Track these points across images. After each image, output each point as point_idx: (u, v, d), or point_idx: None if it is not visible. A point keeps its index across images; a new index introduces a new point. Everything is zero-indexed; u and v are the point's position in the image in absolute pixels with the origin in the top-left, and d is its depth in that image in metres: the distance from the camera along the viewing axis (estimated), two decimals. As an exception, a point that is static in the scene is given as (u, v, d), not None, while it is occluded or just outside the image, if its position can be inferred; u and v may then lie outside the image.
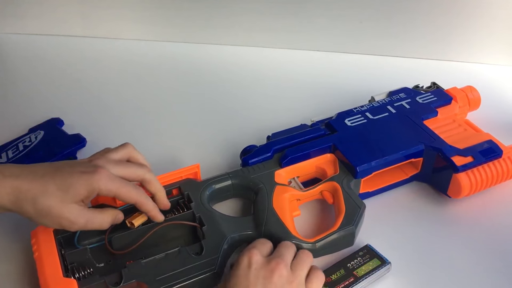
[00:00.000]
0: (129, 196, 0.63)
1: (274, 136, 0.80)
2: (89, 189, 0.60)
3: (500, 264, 0.69)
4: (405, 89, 0.89)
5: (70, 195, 0.59)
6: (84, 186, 0.60)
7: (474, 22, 1.03)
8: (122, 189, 0.62)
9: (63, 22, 1.16)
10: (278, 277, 0.57)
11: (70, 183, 0.60)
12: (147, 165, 0.69)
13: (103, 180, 0.61)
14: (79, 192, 0.60)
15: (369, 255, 0.67)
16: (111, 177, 0.62)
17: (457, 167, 0.73)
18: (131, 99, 1.01)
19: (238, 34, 1.13)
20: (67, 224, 0.60)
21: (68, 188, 0.59)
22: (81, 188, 0.60)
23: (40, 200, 0.58)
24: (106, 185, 0.61)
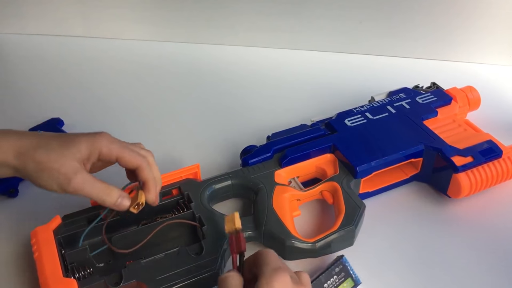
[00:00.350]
0: (132, 158, 0.63)
1: (274, 136, 0.80)
2: (91, 148, 0.60)
3: (500, 264, 0.69)
4: (405, 89, 0.89)
5: (71, 151, 0.59)
6: (86, 145, 0.60)
7: (474, 22, 1.03)
8: (125, 151, 0.63)
9: (63, 22, 1.17)
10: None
11: (72, 141, 0.60)
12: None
13: (105, 140, 0.62)
14: (80, 150, 0.60)
15: (344, 272, 0.65)
16: (114, 140, 0.63)
17: (457, 167, 0.73)
18: (131, 99, 1.01)
19: (238, 34, 1.13)
20: (64, 181, 0.59)
21: (69, 145, 0.60)
22: (82, 146, 0.60)
23: (41, 151, 0.59)
24: (108, 145, 0.61)
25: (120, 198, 0.62)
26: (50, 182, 0.59)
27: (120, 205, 0.63)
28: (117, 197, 0.62)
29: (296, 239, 0.66)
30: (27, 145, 0.60)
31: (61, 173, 0.59)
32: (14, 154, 0.59)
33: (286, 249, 0.67)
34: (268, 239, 0.68)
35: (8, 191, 0.79)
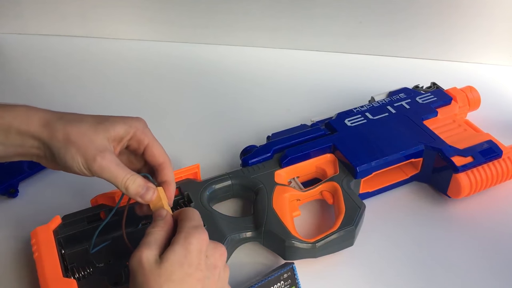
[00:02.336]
0: (161, 150, 0.61)
1: (274, 136, 0.80)
2: (127, 128, 0.59)
3: (500, 264, 0.69)
4: (405, 89, 0.89)
5: (105, 126, 0.57)
6: (122, 123, 0.58)
7: (474, 22, 1.03)
8: (157, 143, 0.61)
9: (63, 22, 1.16)
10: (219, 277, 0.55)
11: (108, 118, 0.58)
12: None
13: (141, 124, 0.60)
14: (114, 127, 0.58)
15: (291, 280, 0.64)
16: (148, 129, 0.61)
17: (457, 167, 0.73)
18: (131, 99, 1.01)
19: (238, 34, 1.13)
20: (91, 157, 0.55)
21: (104, 120, 0.58)
22: (118, 124, 0.58)
23: (72, 122, 0.56)
24: (144, 130, 0.60)
25: (146, 188, 0.58)
26: (76, 158, 0.55)
27: (144, 196, 0.58)
28: (143, 186, 0.58)
29: (296, 239, 0.66)
30: (57, 116, 0.57)
31: (90, 148, 0.55)
32: (42, 123, 0.56)
33: (286, 249, 0.67)
34: (268, 239, 0.68)
35: (8, 191, 0.79)
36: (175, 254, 0.51)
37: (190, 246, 0.52)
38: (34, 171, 0.82)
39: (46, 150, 0.57)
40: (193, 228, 0.54)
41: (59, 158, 0.56)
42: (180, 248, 0.52)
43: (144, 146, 0.61)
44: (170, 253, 0.51)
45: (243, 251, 0.69)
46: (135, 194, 0.57)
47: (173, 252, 0.51)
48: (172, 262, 0.51)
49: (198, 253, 0.52)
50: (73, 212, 0.69)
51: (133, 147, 0.61)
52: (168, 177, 0.61)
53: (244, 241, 0.69)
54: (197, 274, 0.51)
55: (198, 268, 0.52)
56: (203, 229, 0.54)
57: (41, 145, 0.57)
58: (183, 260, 0.51)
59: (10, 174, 0.81)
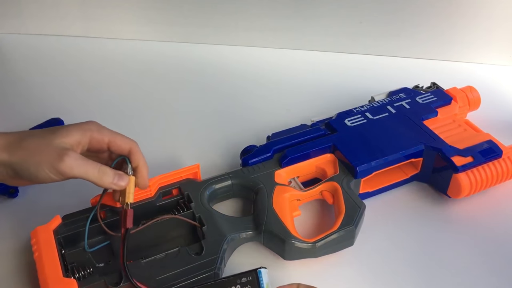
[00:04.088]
0: (124, 140, 0.63)
1: (274, 136, 0.80)
2: (82, 132, 0.60)
3: (500, 264, 0.69)
4: (405, 89, 0.89)
5: (60, 134, 0.59)
6: (76, 129, 0.60)
7: (474, 22, 1.03)
8: (116, 134, 0.62)
9: (63, 22, 1.16)
10: None
11: (61, 127, 0.60)
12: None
13: (95, 125, 0.61)
14: (69, 133, 0.59)
15: (250, 285, 0.57)
16: (104, 127, 0.62)
17: (457, 167, 0.73)
18: (131, 99, 1.01)
19: (238, 34, 1.13)
20: (55, 161, 0.57)
21: (57, 130, 0.59)
22: (72, 130, 0.60)
23: (27, 139, 0.58)
24: (99, 129, 0.61)
25: (117, 176, 0.61)
26: (41, 166, 0.57)
27: (118, 183, 0.61)
28: (113, 175, 0.61)
29: (296, 239, 0.66)
30: (14, 138, 0.59)
31: (51, 154, 0.57)
32: (2, 149, 0.58)
33: (286, 249, 0.67)
34: (268, 239, 0.68)
35: (8, 191, 0.79)
36: None
37: None
38: (34, 171, 0.82)
39: (8, 169, 0.59)
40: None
41: (23, 172, 0.58)
42: None
43: (106, 143, 0.62)
44: None
45: (243, 251, 0.69)
46: (109, 183, 0.61)
47: None
48: None
49: None
50: (73, 212, 0.69)
51: (96, 148, 0.63)
52: (140, 161, 0.64)
53: (244, 241, 0.69)
54: None
55: None
56: None
57: (9, 168, 0.58)
58: None
59: (10, 174, 0.81)
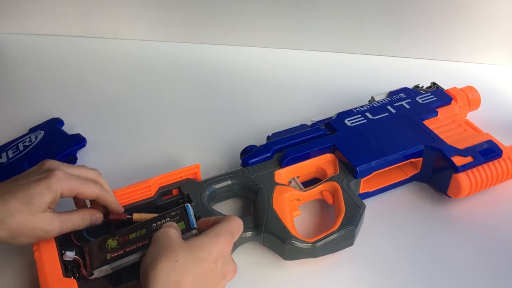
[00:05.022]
0: (91, 192, 0.63)
1: (274, 136, 0.80)
2: (52, 193, 0.59)
3: (499, 264, 0.69)
4: (405, 89, 0.89)
5: (36, 205, 0.58)
6: (46, 192, 0.59)
7: (474, 22, 1.03)
8: (83, 186, 0.62)
9: (63, 22, 1.16)
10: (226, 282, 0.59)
11: (32, 194, 0.59)
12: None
13: (61, 180, 0.60)
14: (43, 199, 0.59)
15: (179, 217, 0.64)
16: (69, 176, 0.62)
17: (457, 167, 0.73)
18: (131, 99, 1.01)
19: (238, 34, 1.13)
20: (43, 234, 0.60)
21: (31, 199, 0.58)
22: (44, 195, 0.59)
23: (8, 220, 0.57)
24: (67, 184, 0.61)
25: (93, 216, 0.64)
26: (28, 239, 0.60)
27: (96, 221, 0.65)
28: (90, 216, 0.64)
29: (296, 239, 0.66)
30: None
31: (37, 229, 0.59)
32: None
33: (286, 249, 0.67)
34: (268, 239, 0.68)
35: (8, 191, 0.79)
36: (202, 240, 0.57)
37: (217, 244, 0.57)
38: (34, 171, 0.82)
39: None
40: (227, 231, 0.59)
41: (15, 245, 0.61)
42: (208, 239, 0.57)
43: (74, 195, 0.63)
44: (198, 238, 0.57)
45: (243, 251, 0.69)
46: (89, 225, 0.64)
47: (201, 239, 0.57)
48: (196, 244, 0.56)
49: (220, 253, 0.57)
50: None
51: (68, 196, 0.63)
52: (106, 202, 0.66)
53: (244, 241, 0.69)
54: (211, 265, 0.55)
55: (214, 262, 0.56)
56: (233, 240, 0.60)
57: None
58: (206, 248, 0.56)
59: (10, 174, 0.80)
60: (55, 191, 0.60)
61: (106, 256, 0.61)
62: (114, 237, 0.63)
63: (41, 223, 0.59)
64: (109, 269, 0.61)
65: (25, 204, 0.58)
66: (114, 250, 0.62)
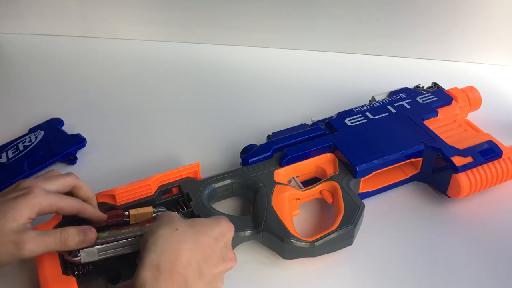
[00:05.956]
0: (71, 207, 0.61)
1: (274, 135, 0.80)
2: (30, 209, 0.57)
3: (499, 264, 0.69)
4: (406, 89, 0.89)
5: (9, 219, 0.56)
6: (23, 207, 0.57)
7: (474, 22, 1.03)
8: (63, 201, 0.60)
9: (63, 22, 1.17)
10: (225, 269, 0.59)
11: (6, 210, 0.56)
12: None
13: (39, 197, 0.58)
14: (19, 214, 0.56)
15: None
16: (47, 192, 0.60)
17: (457, 167, 0.73)
18: (131, 99, 1.01)
19: (238, 34, 1.14)
20: (14, 248, 0.55)
21: (5, 214, 0.56)
22: (20, 210, 0.56)
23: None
24: (46, 200, 0.59)
25: (82, 233, 0.59)
26: (6, 258, 0.56)
27: (86, 240, 0.59)
28: (78, 234, 0.59)
29: (295, 238, 0.66)
30: None
31: (8, 246, 0.55)
32: None
33: (285, 248, 0.67)
34: (267, 238, 0.68)
35: (8, 190, 0.79)
36: (204, 219, 0.60)
37: (219, 224, 0.59)
38: (34, 170, 0.82)
39: None
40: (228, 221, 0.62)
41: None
42: (210, 220, 0.60)
43: (53, 211, 0.60)
44: (200, 218, 0.61)
45: (242, 250, 0.69)
46: (77, 245, 0.59)
47: (203, 219, 0.61)
48: (198, 221, 0.59)
49: (221, 233, 0.59)
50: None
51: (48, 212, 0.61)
52: (89, 215, 0.64)
53: (243, 240, 0.69)
54: (210, 241, 0.57)
55: (214, 239, 0.58)
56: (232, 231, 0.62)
57: None
58: (207, 225, 0.58)
59: (10, 174, 0.81)
60: (32, 207, 0.57)
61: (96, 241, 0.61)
62: (105, 231, 0.62)
63: (10, 235, 0.55)
64: (95, 253, 0.60)
65: (1, 218, 0.55)
66: (104, 237, 0.61)
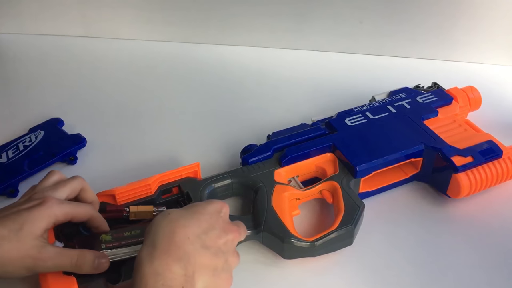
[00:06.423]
0: (84, 214, 0.61)
1: (274, 135, 0.80)
2: (46, 220, 0.57)
3: (499, 264, 0.69)
4: (406, 89, 0.89)
5: (27, 232, 0.55)
6: (38, 219, 0.56)
7: (474, 22, 1.03)
8: (77, 210, 0.60)
9: (63, 22, 1.16)
10: (231, 240, 0.57)
11: (23, 222, 0.56)
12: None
13: (54, 206, 0.58)
14: (35, 226, 0.56)
15: None
16: (61, 201, 0.60)
17: (457, 167, 0.73)
18: (131, 99, 1.01)
19: (238, 34, 1.13)
20: (31, 263, 0.55)
21: (22, 227, 0.55)
22: (35, 221, 0.56)
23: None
24: (60, 209, 0.58)
25: (97, 259, 0.58)
26: (18, 272, 0.56)
27: (99, 267, 0.59)
28: (93, 259, 0.58)
29: (295, 238, 0.66)
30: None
31: (26, 257, 0.55)
32: None
33: (285, 248, 0.67)
34: (267, 238, 0.68)
35: (8, 191, 0.79)
36: (198, 202, 0.60)
37: (212, 203, 0.59)
38: (34, 170, 0.82)
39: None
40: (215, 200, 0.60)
41: (3, 277, 0.56)
42: (203, 201, 0.60)
43: (69, 218, 0.60)
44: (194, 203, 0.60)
45: (242, 250, 0.69)
46: (90, 270, 0.58)
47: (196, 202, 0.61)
48: (192, 204, 0.59)
49: (215, 210, 0.58)
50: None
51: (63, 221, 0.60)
52: (97, 224, 0.63)
53: (244, 240, 0.69)
54: (205, 216, 0.56)
55: (209, 214, 0.57)
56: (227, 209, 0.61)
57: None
58: (199, 206, 0.58)
59: (10, 174, 0.81)
60: (48, 218, 0.57)
61: (101, 246, 0.61)
62: (108, 233, 0.63)
63: (29, 250, 0.55)
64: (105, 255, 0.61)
65: (14, 231, 0.55)
66: (109, 242, 0.61)
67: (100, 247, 0.61)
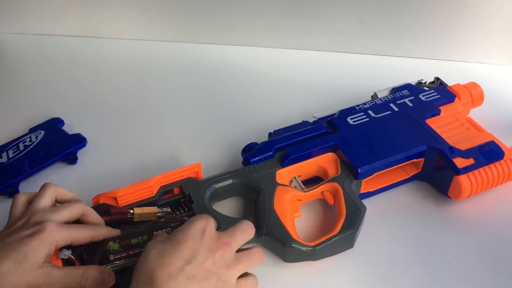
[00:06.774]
0: (85, 237, 0.61)
1: (275, 133, 0.80)
2: (47, 247, 0.57)
3: (500, 264, 0.69)
4: (408, 85, 0.88)
5: (31, 262, 0.55)
6: (41, 246, 0.56)
7: (475, 21, 1.03)
8: (77, 233, 0.60)
9: (63, 22, 1.16)
10: (220, 257, 0.55)
11: (25, 251, 0.56)
12: (75, 195, 0.66)
13: (54, 232, 0.58)
14: (39, 255, 0.56)
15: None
16: (60, 225, 0.59)
17: (459, 169, 0.73)
18: (131, 98, 1.01)
19: (238, 34, 1.13)
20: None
21: (26, 257, 0.55)
22: (38, 250, 0.56)
23: (1, 283, 0.54)
24: (61, 235, 0.58)
25: (101, 278, 0.59)
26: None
27: (103, 285, 0.59)
28: (97, 276, 0.58)
29: (296, 242, 0.66)
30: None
31: (36, 286, 0.55)
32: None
33: (287, 252, 0.67)
34: (269, 241, 0.68)
35: (9, 191, 0.79)
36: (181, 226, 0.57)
37: (193, 223, 0.57)
38: (34, 170, 0.82)
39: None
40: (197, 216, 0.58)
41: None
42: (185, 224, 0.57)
43: (69, 242, 0.60)
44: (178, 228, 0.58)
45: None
46: (94, 284, 0.58)
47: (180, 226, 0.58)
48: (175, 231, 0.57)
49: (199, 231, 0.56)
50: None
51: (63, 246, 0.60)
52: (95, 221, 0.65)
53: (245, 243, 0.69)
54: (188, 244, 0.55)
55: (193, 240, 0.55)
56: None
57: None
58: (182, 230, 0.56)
59: (11, 174, 0.81)
60: (49, 245, 0.57)
61: (109, 257, 0.61)
62: (115, 240, 0.62)
63: (37, 280, 0.55)
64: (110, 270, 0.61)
65: (19, 263, 0.55)
66: (117, 252, 0.62)
67: (108, 257, 0.61)
